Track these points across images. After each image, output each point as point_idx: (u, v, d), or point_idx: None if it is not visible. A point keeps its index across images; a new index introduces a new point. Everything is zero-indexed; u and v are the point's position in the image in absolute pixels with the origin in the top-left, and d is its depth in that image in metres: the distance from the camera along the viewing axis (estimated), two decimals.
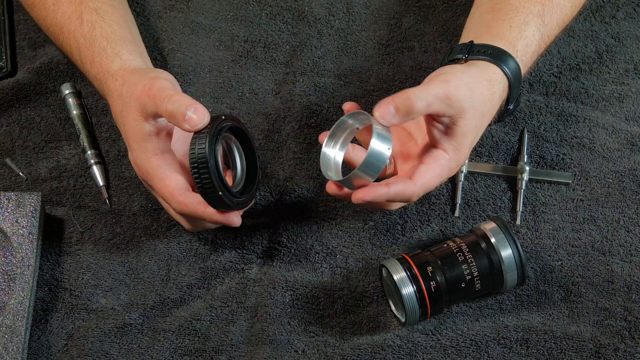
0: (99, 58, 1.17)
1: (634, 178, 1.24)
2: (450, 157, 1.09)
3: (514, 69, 1.13)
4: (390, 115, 1.04)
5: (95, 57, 1.18)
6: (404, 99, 1.04)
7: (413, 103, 1.04)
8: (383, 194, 1.06)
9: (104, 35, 1.19)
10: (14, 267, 1.15)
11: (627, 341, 1.14)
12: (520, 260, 1.11)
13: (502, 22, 1.17)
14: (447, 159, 1.09)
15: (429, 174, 1.09)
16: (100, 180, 1.23)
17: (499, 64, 1.12)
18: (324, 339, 1.14)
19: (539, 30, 1.17)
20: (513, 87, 1.14)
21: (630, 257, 1.19)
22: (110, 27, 1.20)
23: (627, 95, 1.30)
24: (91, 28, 1.19)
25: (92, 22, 1.19)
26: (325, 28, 1.34)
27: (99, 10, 1.21)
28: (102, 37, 1.19)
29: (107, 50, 1.18)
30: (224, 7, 1.35)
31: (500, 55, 1.13)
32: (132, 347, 1.14)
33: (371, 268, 1.18)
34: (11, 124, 1.27)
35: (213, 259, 1.19)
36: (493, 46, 1.14)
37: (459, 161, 1.11)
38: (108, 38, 1.19)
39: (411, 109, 1.04)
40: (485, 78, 1.11)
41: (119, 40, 1.19)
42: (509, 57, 1.13)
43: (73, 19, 1.20)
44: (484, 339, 1.14)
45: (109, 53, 1.17)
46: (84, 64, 1.20)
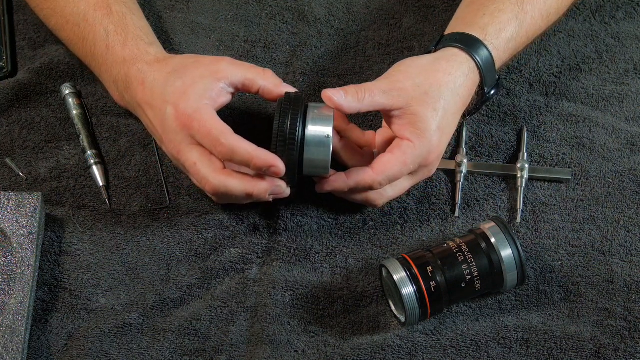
0: (134, 42, 1.17)
1: (634, 178, 1.24)
2: (414, 144, 1.11)
3: (481, 51, 1.16)
4: (339, 97, 1.10)
5: (129, 41, 1.18)
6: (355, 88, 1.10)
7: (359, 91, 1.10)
8: (341, 182, 1.12)
9: (136, 26, 1.19)
10: (14, 267, 1.15)
11: (627, 341, 1.14)
12: (520, 260, 1.12)
13: (477, 12, 1.20)
14: (411, 146, 1.11)
15: (390, 162, 1.11)
16: (100, 180, 1.23)
17: (464, 48, 1.15)
18: (324, 339, 1.14)
19: (517, 17, 1.19)
20: (483, 70, 1.16)
21: (630, 257, 1.19)
22: (141, 22, 1.21)
23: (627, 95, 1.30)
24: (122, 18, 1.19)
25: (122, 13, 1.20)
26: (325, 28, 1.34)
27: (127, 4, 1.21)
28: (135, 27, 1.19)
29: (143, 38, 1.18)
30: (224, 7, 1.35)
31: (467, 39, 1.16)
32: (132, 347, 1.14)
33: (371, 268, 1.18)
34: (11, 124, 1.27)
35: (213, 259, 1.19)
36: (460, 33, 1.17)
37: (429, 147, 1.12)
38: (142, 29, 1.20)
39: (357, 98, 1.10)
40: (443, 63, 1.14)
41: (151, 35, 1.21)
42: (475, 40, 1.16)
43: (100, 8, 1.20)
44: (484, 339, 1.14)
45: (145, 41, 1.18)
46: (110, 48, 1.18)
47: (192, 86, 1.11)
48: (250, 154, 1.08)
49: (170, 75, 1.13)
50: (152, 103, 1.14)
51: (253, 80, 1.13)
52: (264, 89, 1.13)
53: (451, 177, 1.24)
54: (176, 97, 1.11)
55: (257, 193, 1.11)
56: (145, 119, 1.17)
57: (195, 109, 1.10)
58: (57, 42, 1.31)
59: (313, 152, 1.11)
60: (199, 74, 1.12)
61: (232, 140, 1.09)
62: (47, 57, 1.30)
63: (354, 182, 1.12)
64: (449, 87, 1.13)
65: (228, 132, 1.09)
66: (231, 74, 1.13)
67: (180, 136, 1.11)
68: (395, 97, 1.11)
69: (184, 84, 1.12)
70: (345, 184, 1.13)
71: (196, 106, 1.10)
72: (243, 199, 1.13)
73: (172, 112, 1.11)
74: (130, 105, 1.20)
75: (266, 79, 1.13)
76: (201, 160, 1.11)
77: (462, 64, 1.15)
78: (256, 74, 1.14)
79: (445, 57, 1.16)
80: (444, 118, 1.13)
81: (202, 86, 1.11)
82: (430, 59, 1.16)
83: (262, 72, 1.14)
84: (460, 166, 1.23)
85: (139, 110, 1.18)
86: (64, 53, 1.30)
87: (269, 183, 1.11)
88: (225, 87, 1.13)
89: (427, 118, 1.11)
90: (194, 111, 1.10)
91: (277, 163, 1.09)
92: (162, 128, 1.13)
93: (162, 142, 1.15)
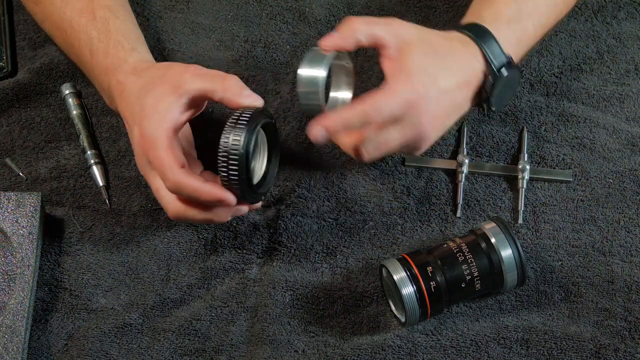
0: (114, 50, 1.17)
1: (634, 178, 1.24)
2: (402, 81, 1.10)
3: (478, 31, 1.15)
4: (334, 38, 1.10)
5: (111, 49, 1.17)
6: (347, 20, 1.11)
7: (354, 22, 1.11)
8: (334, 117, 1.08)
9: (119, 31, 1.19)
10: (14, 267, 1.15)
11: (627, 341, 1.14)
12: (521, 261, 1.11)
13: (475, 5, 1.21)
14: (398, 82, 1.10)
15: (377, 94, 1.09)
16: (100, 180, 1.23)
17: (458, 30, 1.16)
18: (324, 339, 1.14)
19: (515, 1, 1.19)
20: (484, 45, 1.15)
21: (631, 257, 1.19)
22: (125, 25, 1.20)
23: (628, 95, 1.30)
24: (105, 23, 1.19)
25: (105, 18, 1.19)
26: (325, 28, 1.34)
27: (111, 8, 1.21)
28: (117, 33, 1.19)
29: (124, 45, 1.18)
30: (224, 7, 1.35)
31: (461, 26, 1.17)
32: (132, 347, 1.14)
33: (371, 268, 1.18)
34: (11, 124, 1.27)
35: (213, 259, 1.19)
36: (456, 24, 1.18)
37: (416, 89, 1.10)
38: (124, 34, 1.19)
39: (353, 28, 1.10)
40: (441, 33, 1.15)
41: (134, 38, 1.20)
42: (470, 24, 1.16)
43: (85, 13, 1.20)
44: (484, 339, 1.14)
45: (125, 47, 1.17)
46: (94, 56, 1.18)
47: (155, 107, 1.10)
48: (197, 190, 1.07)
49: (141, 90, 1.12)
50: (127, 119, 1.14)
51: (212, 92, 1.10)
52: (222, 100, 1.11)
53: (452, 177, 1.24)
54: (141, 118, 1.10)
55: (218, 219, 1.11)
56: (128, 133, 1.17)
57: (152, 137, 1.09)
58: None
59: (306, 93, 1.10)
60: (163, 91, 1.10)
61: (178, 176, 1.07)
62: (47, 57, 1.30)
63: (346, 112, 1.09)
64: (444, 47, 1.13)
65: (176, 166, 1.08)
66: (192, 87, 1.10)
67: (144, 160, 1.11)
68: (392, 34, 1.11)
69: (147, 104, 1.10)
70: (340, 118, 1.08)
71: (154, 133, 1.09)
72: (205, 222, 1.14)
73: (137, 134, 1.11)
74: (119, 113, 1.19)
75: (226, 91, 1.10)
76: (163, 187, 1.10)
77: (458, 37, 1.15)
78: (216, 84, 1.11)
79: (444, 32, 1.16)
80: (436, 68, 1.11)
81: (165, 106, 1.10)
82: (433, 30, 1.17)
83: (222, 82, 1.11)
84: (461, 166, 1.23)
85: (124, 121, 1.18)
86: None
87: (226, 211, 1.11)
88: (187, 102, 1.11)
89: (416, 61, 1.10)
90: (151, 138, 1.09)
91: (226, 196, 1.08)
92: (134, 145, 1.13)
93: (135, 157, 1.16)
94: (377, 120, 1.09)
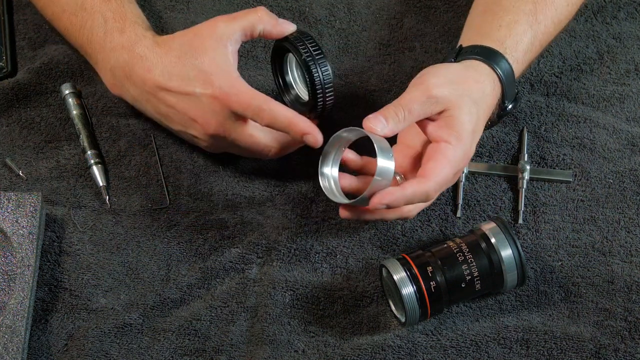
0: (131, 28, 1.18)
1: (634, 179, 1.24)
2: (454, 146, 1.09)
3: (502, 64, 1.15)
4: (382, 126, 1.07)
5: (127, 27, 1.18)
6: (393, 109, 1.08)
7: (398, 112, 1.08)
8: (400, 195, 1.06)
9: (134, 14, 1.20)
10: (14, 267, 1.15)
11: (627, 342, 1.14)
12: (521, 261, 1.11)
13: (492, 23, 1.19)
14: (452, 149, 1.09)
15: (438, 167, 1.08)
16: (100, 180, 1.23)
17: (486, 61, 1.14)
18: (324, 339, 1.14)
19: (531, 27, 1.18)
20: (505, 83, 1.15)
21: (631, 257, 1.19)
22: (138, 11, 1.22)
23: (628, 95, 1.30)
24: (120, 5, 1.20)
25: (120, 1, 1.20)
26: (326, 28, 1.34)
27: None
28: (132, 15, 1.20)
29: (141, 24, 1.19)
30: (224, 7, 1.35)
31: (487, 52, 1.15)
32: (132, 347, 1.14)
33: (371, 268, 1.18)
34: (11, 124, 1.27)
35: (213, 259, 1.19)
36: (480, 45, 1.16)
37: (465, 150, 1.10)
38: (139, 17, 1.21)
39: (398, 119, 1.08)
40: (471, 72, 1.14)
41: (147, 23, 1.21)
42: (496, 53, 1.15)
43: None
44: (484, 339, 1.14)
45: (143, 26, 1.19)
46: (108, 34, 1.18)
47: (212, 63, 1.12)
48: (290, 120, 1.11)
49: (182, 57, 1.14)
50: (172, 88, 1.13)
51: (252, 27, 1.15)
52: (262, 32, 1.16)
53: None
54: (202, 78, 1.12)
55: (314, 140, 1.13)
56: (160, 106, 1.16)
57: (230, 85, 1.12)
58: (56, 41, 1.31)
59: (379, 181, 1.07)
60: (210, 47, 1.14)
61: (273, 107, 1.11)
62: (47, 57, 1.30)
63: (411, 192, 1.07)
64: (479, 94, 1.12)
65: (268, 99, 1.11)
66: (232, 32, 1.15)
67: (222, 115, 1.12)
68: (434, 104, 1.09)
69: (202, 64, 1.13)
70: (403, 196, 1.07)
71: (229, 82, 1.12)
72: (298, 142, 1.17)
73: (206, 93, 1.12)
74: (130, 92, 1.18)
75: (263, 22, 1.15)
76: (254, 129, 1.14)
77: (488, 76, 1.14)
78: (251, 19, 1.15)
79: (472, 66, 1.15)
80: (477, 124, 1.12)
81: (220, 59, 1.13)
82: (460, 66, 1.14)
83: (256, 16, 1.16)
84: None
85: (146, 97, 1.17)
86: (64, 53, 1.30)
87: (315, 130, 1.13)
88: (234, 47, 1.15)
89: (464, 121, 1.09)
90: (229, 87, 1.11)
91: (313, 131, 1.11)
92: (195, 111, 1.13)
93: (192, 125, 1.15)
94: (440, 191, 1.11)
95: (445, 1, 1.36)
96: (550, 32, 1.21)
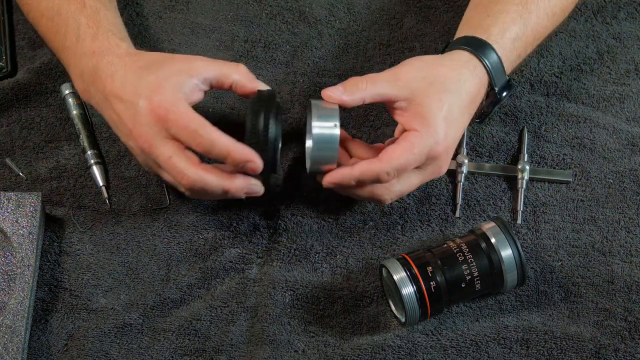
0: (104, 36, 1.16)
1: (634, 179, 1.24)
2: (421, 133, 1.10)
3: (487, 51, 1.16)
4: (339, 92, 1.10)
5: (100, 34, 1.16)
6: (352, 81, 1.11)
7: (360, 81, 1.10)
8: (347, 174, 1.10)
9: (109, 21, 1.18)
10: (14, 267, 1.15)
11: (627, 342, 1.14)
12: (520, 261, 1.11)
13: (480, 15, 1.20)
14: (417, 135, 1.10)
15: (396, 151, 1.09)
16: (100, 180, 1.23)
17: (469, 49, 1.16)
18: (324, 339, 1.14)
19: (521, 16, 1.19)
20: (491, 70, 1.16)
21: (631, 257, 1.19)
22: (114, 18, 1.19)
23: (628, 95, 1.30)
24: (95, 12, 1.18)
25: (95, 8, 1.18)
26: (325, 28, 1.34)
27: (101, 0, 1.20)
28: (107, 22, 1.18)
29: (115, 33, 1.17)
30: (224, 7, 1.35)
31: (471, 41, 1.16)
32: (132, 347, 1.14)
33: (371, 268, 1.18)
34: (11, 124, 1.27)
35: (213, 259, 1.19)
36: (466, 36, 1.18)
37: (436, 138, 1.11)
38: (114, 25, 1.18)
39: (358, 87, 1.10)
40: (447, 61, 1.15)
41: (124, 31, 1.19)
42: (480, 41, 1.16)
43: (74, 2, 1.18)
44: (484, 339, 1.14)
45: (117, 35, 1.16)
46: (80, 40, 1.16)
47: (167, 80, 1.09)
48: (229, 147, 1.07)
49: (144, 69, 1.11)
50: (123, 96, 1.11)
51: (227, 74, 1.12)
52: (237, 83, 1.12)
53: (452, 177, 1.24)
54: (150, 90, 1.09)
55: (234, 190, 1.09)
56: (112, 114, 1.14)
57: (171, 102, 1.08)
58: None
59: (321, 148, 1.10)
60: (174, 69, 1.11)
61: (211, 133, 1.07)
62: (47, 57, 1.30)
63: (359, 172, 1.10)
64: (453, 81, 1.13)
65: (207, 124, 1.07)
66: (205, 70, 1.11)
67: (154, 130, 1.08)
68: (400, 87, 1.11)
69: (157, 78, 1.10)
70: (350, 175, 1.10)
71: (172, 99, 1.08)
72: (218, 195, 1.11)
73: (145, 105, 1.08)
74: (95, 98, 1.16)
75: (240, 74, 1.12)
76: (177, 154, 1.08)
77: (467, 62, 1.15)
78: (229, 68, 1.12)
79: (449, 55, 1.16)
80: (450, 111, 1.12)
81: (177, 81, 1.10)
82: (436, 57, 1.17)
83: (235, 66, 1.13)
84: (461, 166, 1.23)
85: (105, 104, 1.14)
86: None
87: (244, 181, 1.10)
88: (199, 83, 1.11)
89: (432, 108, 1.11)
90: (170, 104, 1.08)
91: (255, 158, 1.07)
92: (133, 122, 1.10)
93: (130, 136, 1.12)
94: (396, 175, 1.11)
95: (445, 1, 1.36)
96: (544, 24, 1.21)
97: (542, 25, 1.21)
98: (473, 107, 1.16)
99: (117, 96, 1.12)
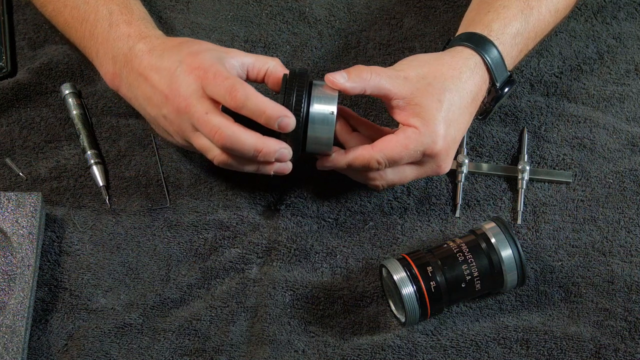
0: (140, 22, 1.18)
1: (634, 179, 1.24)
2: (419, 130, 1.11)
3: (487, 47, 1.16)
4: (342, 79, 1.11)
5: (135, 20, 1.18)
6: (356, 69, 1.11)
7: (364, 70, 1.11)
8: (340, 159, 1.13)
9: (141, 11, 1.20)
10: (14, 267, 1.15)
11: (627, 342, 1.14)
12: (521, 261, 1.11)
13: (481, 11, 1.21)
14: (415, 132, 1.11)
15: (391, 142, 1.11)
16: (100, 180, 1.23)
17: (469, 45, 1.16)
18: (324, 339, 1.14)
19: (522, 12, 1.20)
20: (492, 65, 1.16)
21: (631, 257, 1.19)
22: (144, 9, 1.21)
23: (627, 95, 1.30)
24: (125, 1, 1.20)
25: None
26: (325, 28, 1.34)
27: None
28: (139, 11, 1.20)
29: (150, 22, 1.19)
30: (224, 7, 1.35)
31: (472, 37, 1.17)
32: (132, 347, 1.14)
33: (371, 268, 1.18)
34: (11, 124, 1.27)
35: (213, 259, 1.19)
36: (466, 32, 1.18)
37: (434, 136, 1.11)
38: (146, 14, 1.21)
39: (362, 77, 1.10)
40: (447, 58, 1.15)
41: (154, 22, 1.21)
42: (480, 36, 1.16)
43: None
44: (484, 339, 1.14)
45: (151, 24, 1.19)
46: (114, 26, 1.17)
47: (207, 51, 1.12)
48: (265, 102, 1.08)
49: (183, 44, 1.14)
50: (161, 65, 1.12)
51: (264, 61, 1.14)
52: (272, 70, 1.14)
53: (452, 177, 1.24)
54: (190, 56, 1.11)
55: (266, 151, 1.09)
56: (145, 88, 1.14)
57: (211, 63, 1.10)
58: (56, 42, 1.31)
59: (317, 130, 1.11)
60: (213, 46, 1.14)
61: (247, 88, 1.08)
62: (47, 57, 1.30)
63: (352, 156, 1.12)
64: (453, 80, 1.13)
65: (244, 82, 1.09)
66: (243, 54, 1.14)
67: (192, 88, 1.09)
68: (400, 85, 1.11)
69: (198, 49, 1.12)
70: (343, 159, 1.13)
71: (211, 62, 1.10)
72: (249, 158, 1.11)
73: (184, 67, 1.10)
74: (127, 80, 1.16)
75: (276, 62, 1.15)
76: (213, 110, 1.09)
77: (467, 59, 1.15)
78: (266, 57, 1.15)
79: (449, 53, 1.16)
80: (450, 110, 1.12)
81: (216, 54, 1.12)
82: (435, 54, 1.17)
83: (271, 57, 1.16)
84: (461, 166, 1.23)
85: (137, 82, 1.15)
86: (64, 53, 1.30)
87: (277, 143, 1.09)
88: (236, 65, 1.13)
89: (431, 108, 1.11)
90: (210, 65, 1.09)
91: (289, 114, 1.08)
92: (169, 86, 1.11)
93: (164, 103, 1.12)
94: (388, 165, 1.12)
95: (445, 1, 1.36)
96: (546, 20, 1.21)
97: (544, 22, 1.21)
98: (474, 105, 1.16)
99: (154, 67, 1.13)
